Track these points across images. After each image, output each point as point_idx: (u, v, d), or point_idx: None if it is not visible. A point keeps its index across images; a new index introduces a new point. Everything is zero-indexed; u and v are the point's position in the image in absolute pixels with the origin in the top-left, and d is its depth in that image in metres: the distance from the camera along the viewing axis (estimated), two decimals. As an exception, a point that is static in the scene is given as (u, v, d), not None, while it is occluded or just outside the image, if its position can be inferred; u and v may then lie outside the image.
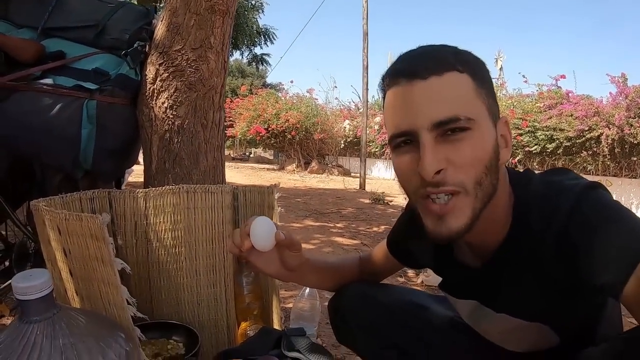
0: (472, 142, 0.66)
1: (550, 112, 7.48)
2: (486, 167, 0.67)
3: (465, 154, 0.66)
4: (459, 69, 0.67)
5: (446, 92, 0.66)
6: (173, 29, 1.48)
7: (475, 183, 0.67)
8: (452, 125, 0.65)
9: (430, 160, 0.65)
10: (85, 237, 0.89)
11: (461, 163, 0.66)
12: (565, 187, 0.68)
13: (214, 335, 1.37)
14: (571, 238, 0.63)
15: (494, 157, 0.68)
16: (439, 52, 0.69)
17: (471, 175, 0.67)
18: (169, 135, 1.49)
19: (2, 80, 1.35)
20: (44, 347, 0.69)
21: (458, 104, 0.66)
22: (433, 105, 0.66)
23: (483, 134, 0.67)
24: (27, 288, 0.70)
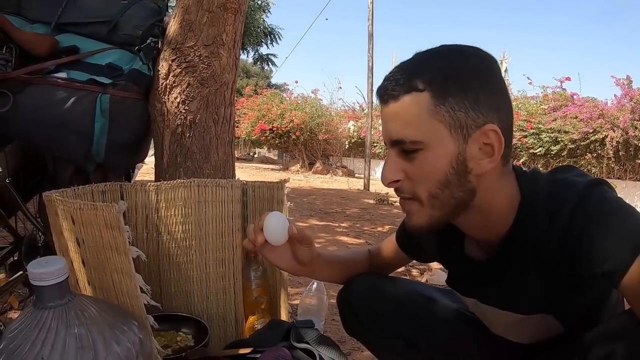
0: (423, 161, 0.72)
1: (554, 114, 7.47)
2: (440, 182, 0.73)
3: (416, 170, 0.73)
4: (417, 89, 0.70)
5: (399, 115, 0.72)
6: (185, 26, 1.50)
7: (428, 196, 0.74)
8: (402, 146, 0.73)
9: (385, 171, 0.76)
10: (99, 227, 0.91)
11: (414, 178, 0.74)
12: (570, 184, 0.71)
13: (222, 328, 1.39)
14: (575, 231, 0.67)
15: (452, 173, 0.72)
16: (405, 71, 0.73)
17: (424, 189, 0.74)
18: (181, 129, 1.50)
19: (17, 74, 1.36)
20: (58, 333, 0.70)
21: (407, 127, 0.72)
22: (389, 127, 0.74)
23: (435, 153, 0.71)
24: (42, 274, 0.71)
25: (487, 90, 0.72)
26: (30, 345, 0.68)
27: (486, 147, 0.72)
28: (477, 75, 0.72)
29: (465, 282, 0.93)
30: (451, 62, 0.73)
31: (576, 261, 0.67)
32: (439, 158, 0.72)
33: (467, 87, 0.71)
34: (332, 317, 1.83)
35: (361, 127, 10.66)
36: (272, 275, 1.46)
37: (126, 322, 0.80)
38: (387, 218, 4.54)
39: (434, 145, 0.71)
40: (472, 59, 0.74)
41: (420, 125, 0.71)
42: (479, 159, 0.72)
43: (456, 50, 0.75)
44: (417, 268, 2.77)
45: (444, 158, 0.72)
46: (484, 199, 0.75)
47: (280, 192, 1.38)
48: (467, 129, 0.71)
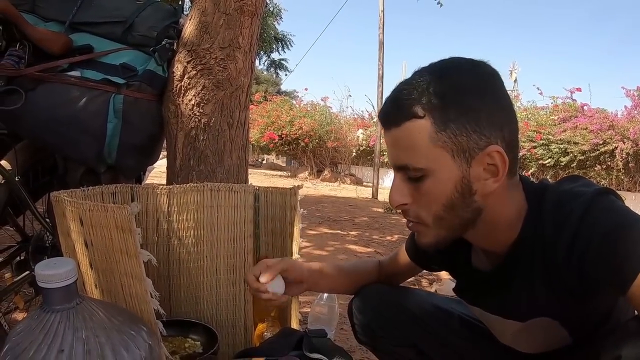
0: (427, 187, 0.73)
1: (564, 125, 7.41)
2: (444, 205, 0.73)
3: (420, 195, 0.74)
4: (418, 116, 0.70)
5: (401, 142, 0.73)
6: (202, 28, 1.48)
7: (434, 218, 0.75)
8: (406, 172, 0.74)
9: (392, 195, 0.77)
10: (109, 229, 0.88)
11: (419, 203, 0.75)
12: (577, 193, 0.72)
13: (232, 336, 1.35)
14: (582, 240, 0.67)
15: (457, 196, 0.72)
16: (408, 93, 0.72)
17: (429, 213, 0.75)
18: (194, 132, 1.48)
19: (30, 71, 1.34)
20: (65, 337, 0.67)
21: (409, 154, 0.72)
22: (393, 153, 0.75)
23: (439, 179, 0.72)
24: (50, 276, 0.68)
25: (489, 109, 0.71)
26: (36, 349, 0.65)
27: (490, 167, 0.72)
28: (478, 95, 0.71)
29: (471, 292, 0.93)
30: (451, 84, 0.71)
31: (584, 270, 0.67)
32: (442, 183, 0.72)
33: (467, 110, 0.70)
34: (341, 326, 1.80)
35: (370, 136, 10.62)
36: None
37: (135, 327, 0.77)
38: (396, 227, 4.49)
39: (437, 171, 0.72)
40: (472, 77, 0.72)
41: (422, 152, 0.71)
42: (484, 179, 0.72)
43: (455, 68, 0.74)
44: (426, 278, 2.74)
45: (447, 183, 0.72)
46: (490, 214, 0.76)
47: (293, 198, 1.36)
48: (469, 152, 0.71)
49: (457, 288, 0.97)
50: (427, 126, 0.70)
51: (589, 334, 0.81)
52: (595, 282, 0.67)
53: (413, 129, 0.71)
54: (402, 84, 0.75)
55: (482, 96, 0.71)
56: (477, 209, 0.74)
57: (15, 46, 1.38)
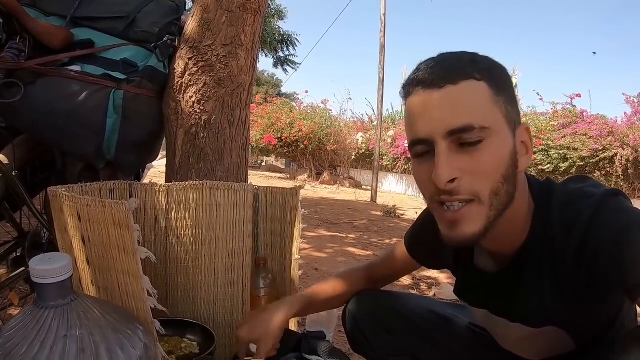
0: (488, 152, 0.66)
1: (564, 131, 7.40)
2: (503, 176, 0.67)
3: (481, 163, 0.66)
4: (476, 77, 0.67)
5: (461, 100, 0.66)
6: (204, 25, 1.47)
7: (491, 193, 0.67)
8: (466, 134, 0.66)
9: (444, 169, 0.66)
10: (107, 225, 0.86)
11: (477, 173, 0.67)
12: (586, 194, 0.70)
13: (229, 337, 1.33)
14: (592, 243, 0.65)
15: (511, 166, 0.68)
16: (456, 60, 0.70)
17: (487, 185, 0.67)
18: (195, 129, 1.46)
19: (30, 64, 1.32)
20: (59, 334, 0.65)
21: (473, 112, 0.66)
22: (448, 114, 0.66)
23: (499, 143, 0.67)
24: (45, 271, 0.67)
25: (515, 94, 0.73)
26: (28, 346, 0.63)
27: (522, 145, 0.72)
28: (510, 79, 0.73)
29: (475, 294, 0.91)
30: (491, 61, 0.72)
31: (593, 273, 0.66)
32: (502, 148, 0.67)
33: (506, 84, 0.71)
34: (340, 329, 1.78)
35: (369, 139, 10.61)
36: (282, 284, 1.41)
37: (131, 326, 0.75)
38: (395, 231, 4.48)
39: (498, 133, 0.67)
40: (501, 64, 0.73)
41: (485, 111, 0.67)
42: (520, 155, 0.71)
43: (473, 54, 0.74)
44: (425, 282, 2.72)
45: (506, 149, 0.68)
46: (514, 203, 0.72)
47: (295, 198, 1.35)
48: (514, 123, 0.70)
49: (458, 289, 0.95)
50: (486, 88, 0.67)
51: (592, 340, 0.79)
52: (605, 285, 0.66)
53: (473, 88, 0.67)
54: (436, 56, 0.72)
55: (511, 82, 0.73)
56: (516, 187, 0.70)
57: (16, 39, 1.36)
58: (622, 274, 0.62)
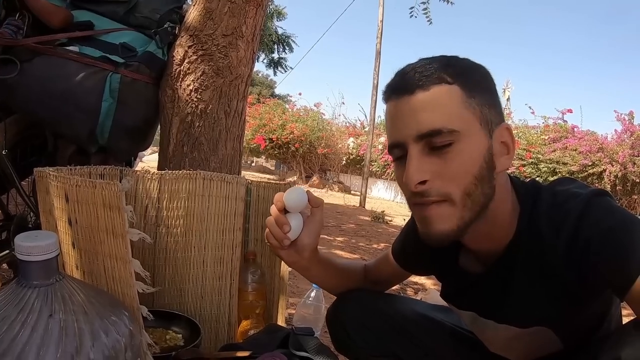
0: (459, 155, 0.68)
1: (554, 145, 7.49)
2: (475, 177, 0.69)
3: (451, 166, 0.68)
4: (447, 81, 0.68)
5: (431, 105, 0.68)
6: (206, 14, 1.45)
7: (463, 194, 0.69)
8: (436, 138, 0.67)
9: (413, 171, 0.68)
10: (96, 206, 0.84)
11: (447, 175, 0.68)
12: (574, 195, 0.70)
13: (214, 331, 1.31)
14: (581, 241, 0.66)
15: (485, 167, 0.69)
16: (429, 64, 0.71)
17: (458, 187, 0.69)
18: (190, 118, 1.44)
19: (28, 42, 1.30)
20: (41, 316, 0.63)
21: (442, 116, 0.68)
22: (418, 118, 0.68)
23: (471, 145, 0.68)
24: (30, 248, 0.64)
25: (496, 94, 0.74)
26: (9, 326, 0.60)
27: (502, 145, 0.72)
28: (489, 79, 0.74)
29: (461, 296, 0.90)
30: (467, 62, 0.74)
31: (582, 272, 0.66)
32: (474, 150, 0.69)
33: (486, 87, 0.72)
34: (325, 329, 1.76)
35: (360, 145, 10.62)
36: (271, 281, 1.39)
37: (116, 311, 0.72)
38: (383, 236, 4.48)
39: (469, 136, 0.68)
40: (480, 65, 0.75)
41: (455, 114, 0.68)
42: (499, 155, 0.72)
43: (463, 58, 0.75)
44: (411, 287, 2.72)
45: (478, 150, 0.69)
46: (495, 203, 0.73)
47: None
48: (491, 124, 0.71)
49: (444, 292, 0.94)
50: (457, 90, 0.68)
51: (580, 341, 0.80)
52: (594, 283, 0.67)
53: (444, 92, 0.68)
54: (415, 61, 0.73)
55: (490, 82, 0.74)
56: (493, 188, 0.71)
57: (15, 16, 1.35)
58: (611, 271, 0.63)
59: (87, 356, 0.62)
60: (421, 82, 0.69)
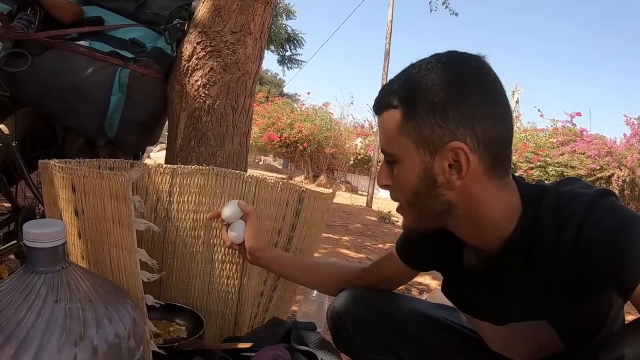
0: (398, 173, 0.78)
1: (562, 149, 7.43)
2: (411, 192, 0.77)
3: (395, 180, 0.79)
4: (393, 106, 0.75)
5: (381, 128, 0.78)
6: (215, 11, 1.46)
7: (406, 203, 0.80)
8: (386, 155, 0.79)
9: (378, 176, 0.83)
10: (103, 197, 0.85)
11: (395, 185, 0.80)
12: (578, 195, 0.71)
13: (219, 327, 1.32)
14: (584, 241, 0.66)
15: (421, 185, 0.75)
16: (389, 87, 0.78)
17: (402, 197, 0.80)
18: (198, 113, 1.45)
19: (39, 36, 1.32)
20: (47, 301, 0.64)
21: (385, 139, 0.78)
22: (379, 137, 0.81)
23: (405, 168, 0.76)
24: (38, 235, 0.65)
25: (459, 106, 0.71)
26: (15, 310, 0.61)
27: (456, 163, 0.72)
28: (450, 92, 0.71)
29: (461, 292, 0.91)
30: (427, 79, 0.73)
31: (585, 271, 0.66)
32: (407, 171, 0.76)
33: (436, 105, 0.71)
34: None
35: (368, 145, 10.61)
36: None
37: (121, 300, 0.73)
38: (389, 236, 4.47)
39: (402, 159, 0.76)
40: (450, 74, 0.72)
41: (392, 139, 0.76)
42: (450, 174, 0.73)
43: (439, 63, 0.74)
44: (416, 288, 2.71)
45: (411, 171, 0.75)
46: (471, 210, 0.75)
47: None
48: (433, 145, 0.72)
49: (445, 285, 0.95)
50: (397, 116, 0.75)
51: (581, 341, 0.79)
52: (596, 283, 0.66)
53: (388, 117, 0.76)
54: (395, 76, 0.80)
55: (454, 93, 0.71)
56: (448, 202, 0.75)
57: (27, 10, 1.37)
58: (614, 271, 0.62)
59: (91, 342, 0.63)
60: (378, 107, 0.79)
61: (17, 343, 0.58)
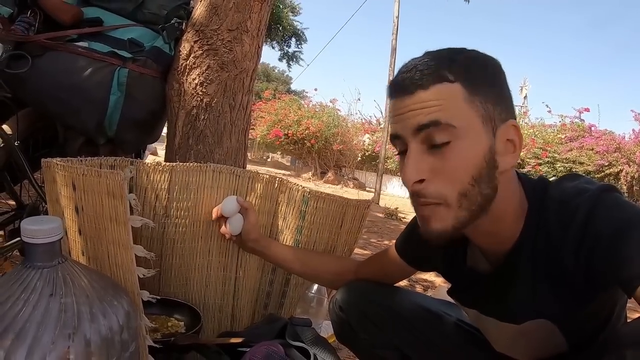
0: (457, 154, 0.67)
1: (571, 145, 7.39)
2: (473, 177, 0.68)
3: (448, 165, 0.68)
4: (448, 79, 0.68)
5: (431, 102, 0.67)
6: (211, 10, 1.47)
7: (458, 195, 0.68)
8: (435, 133, 0.67)
9: (410, 169, 0.69)
10: (101, 194, 0.87)
11: (444, 175, 0.68)
12: (582, 190, 0.70)
13: (217, 320, 1.34)
14: (590, 237, 0.65)
15: (484, 167, 0.68)
16: (432, 61, 0.70)
17: (454, 188, 0.68)
18: (196, 111, 1.47)
19: (39, 38, 1.35)
20: (42, 294, 0.66)
21: (441, 111, 0.67)
22: (417, 114, 0.68)
23: (470, 144, 0.68)
24: (35, 231, 0.67)
25: (505, 88, 0.73)
26: (12, 304, 0.64)
27: (508, 143, 0.71)
28: (497, 73, 0.72)
29: (468, 294, 0.89)
30: (473, 58, 0.71)
31: (590, 268, 0.66)
32: (473, 149, 0.68)
33: (491, 82, 0.71)
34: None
35: (376, 141, 10.60)
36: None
37: (116, 295, 0.75)
38: (395, 233, 4.47)
39: (469, 133, 0.68)
40: (488, 58, 0.73)
41: (456, 111, 0.67)
42: (503, 154, 0.70)
43: (470, 50, 0.73)
44: (420, 284, 2.72)
45: (478, 150, 0.68)
46: (499, 202, 0.72)
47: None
48: (495, 122, 0.69)
49: (452, 290, 0.93)
50: (459, 89, 0.67)
51: (585, 341, 0.78)
52: (601, 280, 0.66)
53: (444, 91, 0.67)
54: (419, 56, 0.72)
55: (499, 76, 0.72)
56: (495, 188, 0.70)
57: (27, 13, 1.39)
58: (619, 267, 0.61)
59: (84, 335, 0.65)
60: (422, 81, 0.68)
61: (13, 334, 0.61)
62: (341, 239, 1.41)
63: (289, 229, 1.37)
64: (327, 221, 1.38)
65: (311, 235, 1.38)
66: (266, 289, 1.42)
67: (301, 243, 1.37)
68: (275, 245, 1.24)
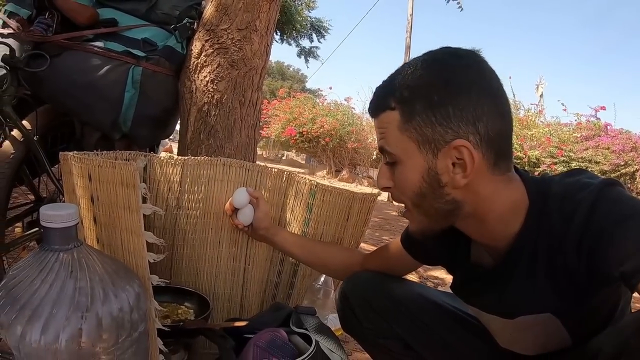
0: (400, 174, 0.77)
1: (587, 144, 7.24)
2: (415, 194, 0.77)
3: (397, 181, 0.79)
4: (390, 107, 0.76)
5: (379, 129, 0.78)
6: (221, 10, 1.52)
7: (412, 204, 0.79)
8: (385, 155, 0.78)
9: (378, 178, 0.82)
10: (115, 184, 0.91)
11: (397, 188, 0.79)
12: (585, 185, 0.70)
13: (226, 309, 1.38)
14: (592, 231, 0.65)
15: (425, 186, 0.75)
16: (383, 88, 0.79)
17: (406, 199, 0.79)
18: (207, 107, 1.52)
19: (57, 38, 1.42)
20: (59, 275, 0.70)
21: (384, 138, 0.78)
22: (377, 138, 0.80)
23: (407, 167, 0.76)
24: (53, 216, 0.72)
25: (459, 103, 0.71)
26: (30, 283, 0.69)
27: (460, 161, 0.72)
28: (448, 90, 0.72)
29: (469, 289, 0.90)
30: (424, 78, 0.73)
31: (593, 261, 0.66)
32: (410, 172, 0.76)
33: (435, 104, 0.72)
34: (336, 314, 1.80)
35: (390, 140, 10.56)
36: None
37: (128, 277, 0.80)
38: (407, 230, 4.47)
39: (405, 159, 0.76)
40: (446, 72, 0.73)
41: (392, 140, 0.76)
42: (454, 173, 0.73)
43: (434, 60, 0.75)
44: (431, 281, 2.72)
45: (414, 172, 0.75)
46: (477, 208, 0.76)
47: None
48: (435, 144, 0.73)
49: (455, 284, 0.94)
50: (396, 117, 0.75)
51: (588, 336, 0.75)
52: (605, 275, 0.65)
53: (386, 119, 0.77)
54: (388, 77, 0.80)
55: (452, 91, 0.71)
56: (453, 201, 0.75)
57: (45, 15, 1.46)
58: (621, 261, 0.61)
59: (96, 314, 0.70)
60: (374, 109, 0.79)
61: (30, 311, 0.66)
62: (348, 232, 1.44)
63: (296, 221, 1.41)
64: (333, 214, 1.42)
65: (318, 228, 1.42)
66: (274, 280, 1.46)
67: (308, 235, 1.41)
68: (285, 233, 1.28)
